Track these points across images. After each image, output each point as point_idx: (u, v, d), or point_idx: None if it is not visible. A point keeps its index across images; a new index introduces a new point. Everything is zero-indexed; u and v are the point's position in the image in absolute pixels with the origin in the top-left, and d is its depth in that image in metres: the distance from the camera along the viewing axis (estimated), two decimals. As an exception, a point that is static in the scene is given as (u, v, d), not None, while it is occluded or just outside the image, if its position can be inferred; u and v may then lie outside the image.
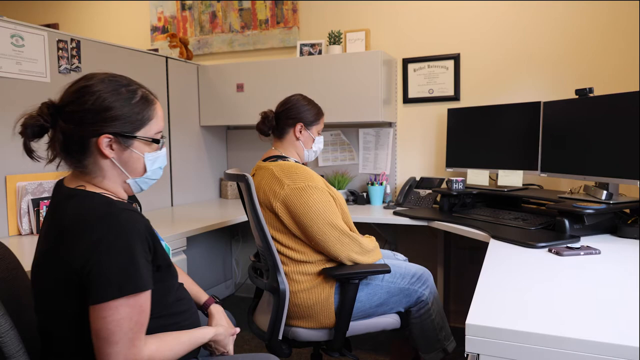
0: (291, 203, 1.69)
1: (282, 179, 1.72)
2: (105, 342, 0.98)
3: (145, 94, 1.13)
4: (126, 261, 0.99)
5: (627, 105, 1.87)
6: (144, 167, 1.14)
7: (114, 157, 1.09)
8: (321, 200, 1.70)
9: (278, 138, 1.95)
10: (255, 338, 2.72)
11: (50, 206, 1.14)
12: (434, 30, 2.94)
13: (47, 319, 1.09)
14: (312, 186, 1.71)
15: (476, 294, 1.14)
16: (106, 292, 0.97)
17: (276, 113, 1.94)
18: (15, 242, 1.99)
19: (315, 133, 1.96)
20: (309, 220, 1.68)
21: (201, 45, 3.59)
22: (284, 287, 1.69)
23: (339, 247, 1.69)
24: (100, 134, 1.06)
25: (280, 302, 1.69)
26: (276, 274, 1.69)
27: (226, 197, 3.39)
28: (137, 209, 1.11)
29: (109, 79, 1.10)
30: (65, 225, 1.03)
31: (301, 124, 1.91)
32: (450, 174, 2.90)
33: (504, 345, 0.92)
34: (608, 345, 0.85)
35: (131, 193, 1.18)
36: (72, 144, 1.07)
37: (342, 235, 1.70)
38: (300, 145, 1.93)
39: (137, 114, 1.10)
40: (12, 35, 2.09)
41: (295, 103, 1.92)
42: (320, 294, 1.72)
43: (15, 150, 2.11)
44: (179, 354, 1.13)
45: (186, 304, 1.25)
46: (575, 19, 2.62)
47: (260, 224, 1.68)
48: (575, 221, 1.81)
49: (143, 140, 1.12)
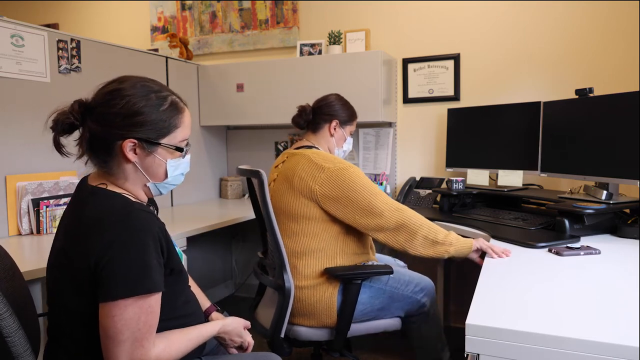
0: (334, 183, 1.71)
1: (322, 163, 1.75)
2: (112, 341, 0.99)
3: (175, 101, 1.15)
4: (139, 262, 1.00)
5: (627, 105, 1.87)
6: (165, 173, 1.16)
7: (136, 161, 1.11)
8: (364, 177, 1.74)
9: (312, 132, 1.99)
10: (256, 337, 2.72)
11: (72, 203, 1.15)
12: (434, 30, 2.94)
13: (59, 313, 1.10)
14: (352, 167, 1.75)
15: (476, 294, 1.14)
16: (117, 291, 0.98)
17: (313, 107, 1.99)
18: (15, 242, 1.99)
19: (347, 133, 2.01)
20: (355, 192, 1.69)
21: (201, 45, 3.59)
22: (289, 285, 1.69)
23: (386, 213, 1.69)
24: (126, 138, 1.08)
25: (284, 300, 1.69)
26: (282, 271, 1.70)
27: (226, 197, 3.39)
28: (154, 212, 1.13)
29: (141, 83, 1.12)
30: (83, 222, 1.04)
31: (337, 121, 1.96)
32: (450, 174, 2.90)
33: (504, 345, 0.92)
34: (608, 345, 0.85)
35: (150, 196, 1.20)
36: (98, 144, 1.09)
37: (388, 203, 1.70)
38: (332, 142, 1.98)
39: (164, 122, 1.11)
40: (12, 35, 2.09)
41: (332, 101, 1.99)
42: (324, 292, 1.73)
43: (16, 150, 2.12)
44: (187, 350, 1.14)
45: (193, 307, 1.26)
46: (575, 19, 2.62)
47: (270, 219, 1.68)
48: (575, 221, 1.81)
49: (167, 148, 1.13)
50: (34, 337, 1.19)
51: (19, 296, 1.19)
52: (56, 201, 2.18)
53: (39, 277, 1.53)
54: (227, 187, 3.38)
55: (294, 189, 1.75)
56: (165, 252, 1.08)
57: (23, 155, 2.15)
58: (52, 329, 1.14)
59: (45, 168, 2.21)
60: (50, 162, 2.23)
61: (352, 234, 1.80)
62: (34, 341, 1.15)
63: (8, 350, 1.01)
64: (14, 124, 2.11)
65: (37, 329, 1.25)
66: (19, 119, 2.12)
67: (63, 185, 2.24)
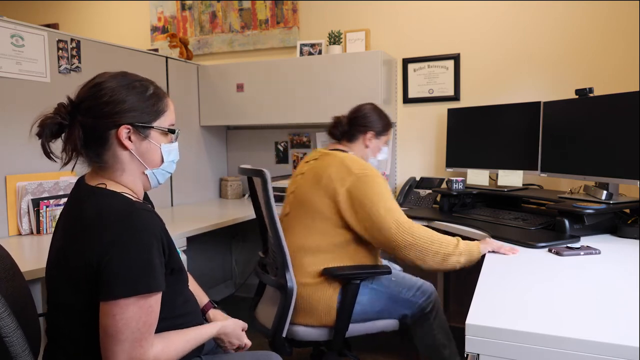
0: (356, 189, 1.71)
1: (352, 167, 1.76)
2: (112, 340, 0.99)
3: (156, 89, 1.18)
4: (141, 261, 1.01)
5: (627, 105, 1.87)
6: (161, 158, 1.17)
7: (132, 148, 1.12)
8: (386, 190, 1.74)
9: (347, 141, 1.99)
10: (256, 336, 2.72)
11: (70, 203, 1.15)
12: (434, 30, 2.94)
13: (57, 314, 1.10)
14: (379, 177, 1.75)
15: (476, 294, 1.14)
16: (118, 290, 0.98)
17: (349, 118, 1.99)
18: (15, 242, 1.99)
19: (382, 143, 2.03)
20: (371, 202, 1.69)
21: (201, 45, 3.59)
22: (291, 285, 1.69)
23: (394, 231, 1.68)
24: (119, 125, 1.09)
25: (286, 299, 1.69)
26: (285, 270, 1.70)
27: (226, 197, 3.38)
28: (154, 211, 1.13)
29: (121, 75, 1.14)
30: (85, 222, 1.04)
31: (372, 132, 1.97)
32: (450, 174, 2.90)
33: (504, 345, 0.92)
34: (608, 345, 0.85)
35: (149, 188, 1.21)
36: (91, 138, 1.09)
37: (400, 222, 1.70)
38: (367, 152, 1.99)
39: (152, 106, 1.14)
40: (12, 35, 2.09)
41: (368, 112, 1.99)
42: (325, 292, 1.73)
43: (16, 150, 2.12)
44: (185, 351, 1.14)
45: (191, 306, 1.26)
46: (575, 19, 2.62)
47: (273, 217, 1.68)
48: (575, 221, 1.81)
49: (159, 131, 1.15)
50: (34, 337, 1.19)
51: (19, 296, 1.19)
52: (56, 201, 2.18)
53: (39, 277, 1.53)
54: (227, 187, 3.38)
55: (320, 187, 1.76)
56: (167, 251, 1.08)
57: (23, 155, 2.14)
58: (51, 329, 1.14)
59: (45, 168, 2.21)
60: (50, 162, 2.19)
61: (363, 245, 1.80)
62: (34, 342, 1.14)
63: (6, 350, 1.01)
64: (14, 124, 2.11)
65: (38, 329, 1.25)
66: (19, 119, 2.12)
67: (63, 185, 2.24)
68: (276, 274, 1.77)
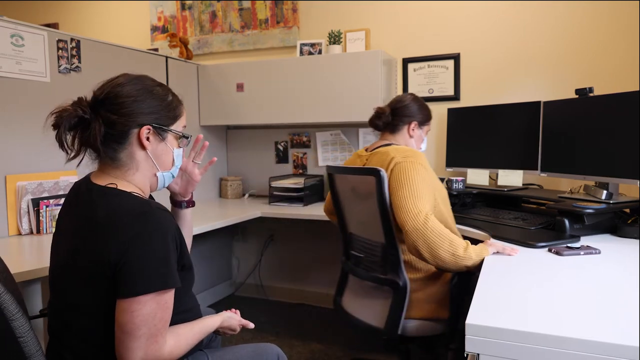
0: (398, 169, 1.68)
1: (397, 154, 1.73)
2: (129, 336, 1.00)
3: (174, 94, 1.22)
4: (160, 258, 1.02)
5: (627, 105, 1.87)
6: (172, 162, 1.21)
7: (149, 149, 1.14)
8: (423, 178, 1.67)
9: (390, 132, 1.99)
10: (261, 334, 2.71)
11: (76, 203, 1.14)
12: (434, 30, 2.94)
13: (66, 313, 1.10)
14: (424, 166, 1.70)
15: (476, 293, 1.14)
16: (137, 287, 0.99)
17: (392, 109, 1.99)
18: (15, 242, 1.99)
19: (424, 133, 2.04)
20: (401, 185, 1.64)
21: (201, 45, 3.59)
22: (404, 283, 1.68)
23: (410, 218, 1.62)
24: (142, 125, 1.12)
25: (399, 297, 1.68)
26: (398, 268, 1.68)
27: (226, 197, 3.38)
28: (168, 210, 1.15)
29: (144, 78, 1.18)
30: (99, 222, 1.04)
31: (415, 122, 1.97)
32: (450, 174, 2.90)
33: (504, 345, 0.92)
34: (608, 345, 0.85)
35: (154, 190, 1.23)
36: (112, 135, 1.11)
37: (419, 209, 1.63)
38: (412, 142, 1.99)
39: (172, 110, 1.18)
40: (12, 35, 2.09)
41: (410, 102, 1.99)
42: (437, 283, 1.73)
43: (16, 150, 2.12)
44: (194, 343, 1.16)
45: (193, 301, 1.27)
46: (576, 18, 2.62)
47: (387, 217, 1.66)
48: (575, 221, 1.81)
49: (174, 135, 1.19)
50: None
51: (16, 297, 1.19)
52: (56, 201, 2.18)
53: (39, 277, 1.53)
54: (227, 186, 3.38)
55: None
56: (179, 248, 1.11)
57: (23, 155, 2.14)
58: (56, 328, 1.14)
59: (45, 168, 2.21)
60: (50, 162, 2.23)
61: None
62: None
63: (20, 350, 1.01)
64: (14, 124, 2.11)
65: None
66: (19, 119, 2.12)
67: (63, 185, 2.24)
68: (384, 272, 1.73)
